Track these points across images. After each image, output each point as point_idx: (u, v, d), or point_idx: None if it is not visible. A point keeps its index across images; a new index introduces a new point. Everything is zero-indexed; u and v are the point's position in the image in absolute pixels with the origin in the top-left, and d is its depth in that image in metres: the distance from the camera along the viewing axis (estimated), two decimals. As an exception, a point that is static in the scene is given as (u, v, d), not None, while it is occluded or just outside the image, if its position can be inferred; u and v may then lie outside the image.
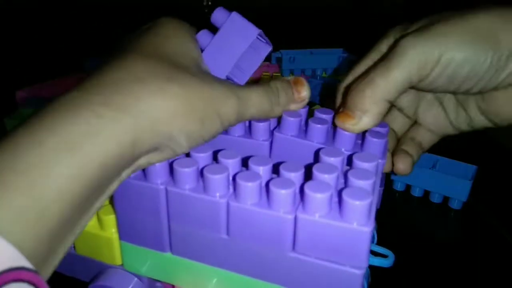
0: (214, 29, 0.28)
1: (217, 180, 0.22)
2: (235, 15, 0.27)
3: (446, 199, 0.42)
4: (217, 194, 0.22)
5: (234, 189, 0.22)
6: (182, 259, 0.25)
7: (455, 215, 0.40)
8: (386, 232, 0.28)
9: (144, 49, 0.22)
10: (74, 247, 0.28)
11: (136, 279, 0.27)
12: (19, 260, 0.15)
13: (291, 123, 0.27)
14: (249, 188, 0.21)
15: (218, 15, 0.27)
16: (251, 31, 0.27)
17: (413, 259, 0.34)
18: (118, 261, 0.27)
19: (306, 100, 0.28)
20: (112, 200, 0.28)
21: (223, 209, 0.22)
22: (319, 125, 0.26)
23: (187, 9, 0.88)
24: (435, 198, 0.42)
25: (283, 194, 0.20)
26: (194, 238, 0.24)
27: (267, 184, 0.21)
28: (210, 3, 0.88)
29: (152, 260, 0.26)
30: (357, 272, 0.21)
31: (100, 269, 0.28)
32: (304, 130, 0.27)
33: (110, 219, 0.26)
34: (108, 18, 0.84)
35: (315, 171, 0.22)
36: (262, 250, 0.22)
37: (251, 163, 0.23)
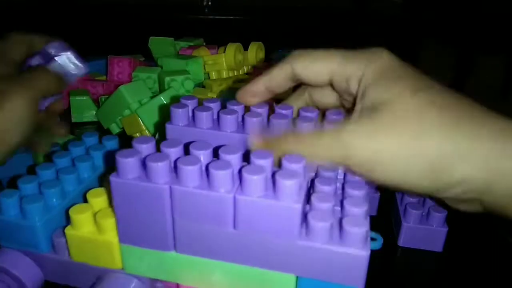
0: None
1: (222, 175, 0.22)
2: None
3: None
4: (222, 190, 0.23)
5: (240, 183, 0.23)
6: (187, 256, 0.25)
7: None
8: (379, 222, 0.28)
9: None
10: (69, 254, 0.28)
11: (136, 280, 0.27)
12: None
13: (280, 125, 0.28)
14: (255, 181, 0.22)
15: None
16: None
17: (411, 258, 0.35)
18: (118, 264, 0.27)
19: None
20: (111, 203, 0.27)
21: (230, 204, 0.23)
22: (306, 123, 0.27)
23: (187, 9, 0.88)
24: None
25: (289, 185, 0.22)
26: (200, 235, 0.24)
27: (272, 176, 0.23)
28: (210, 3, 0.88)
29: (155, 260, 0.26)
30: (364, 253, 0.22)
31: (98, 275, 0.28)
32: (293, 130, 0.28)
33: (109, 223, 0.26)
34: (108, 18, 0.84)
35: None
36: (270, 240, 0.23)
37: (253, 156, 0.24)
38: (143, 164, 0.24)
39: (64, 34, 0.39)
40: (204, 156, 0.24)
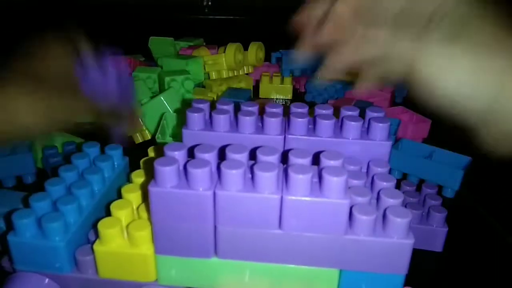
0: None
1: (268, 177, 0.22)
2: None
3: (440, 188, 0.41)
4: (267, 191, 0.22)
5: (285, 183, 0.23)
6: (227, 261, 0.25)
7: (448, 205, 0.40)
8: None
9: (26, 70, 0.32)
10: (96, 271, 0.26)
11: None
12: None
13: (300, 124, 0.28)
14: (301, 180, 0.22)
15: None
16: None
17: (411, 258, 0.34)
18: (152, 277, 0.26)
19: None
20: (138, 213, 0.27)
21: (276, 205, 0.23)
22: (326, 121, 0.28)
23: (187, 9, 0.87)
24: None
25: (337, 181, 0.22)
26: (243, 238, 0.24)
27: (320, 174, 0.23)
28: (210, 3, 0.88)
29: (193, 268, 0.25)
30: (409, 242, 0.23)
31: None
32: (312, 128, 0.29)
33: (144, 235, 0.25)
34: (108, 18, 0.84)
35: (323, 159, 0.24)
36: (315, 237, 0.23)
37: (291, 155, 0.24)
38: (180, 171, 0.24)
39: (64, 34, 0.39)
40: (243, 159, 0.24)
